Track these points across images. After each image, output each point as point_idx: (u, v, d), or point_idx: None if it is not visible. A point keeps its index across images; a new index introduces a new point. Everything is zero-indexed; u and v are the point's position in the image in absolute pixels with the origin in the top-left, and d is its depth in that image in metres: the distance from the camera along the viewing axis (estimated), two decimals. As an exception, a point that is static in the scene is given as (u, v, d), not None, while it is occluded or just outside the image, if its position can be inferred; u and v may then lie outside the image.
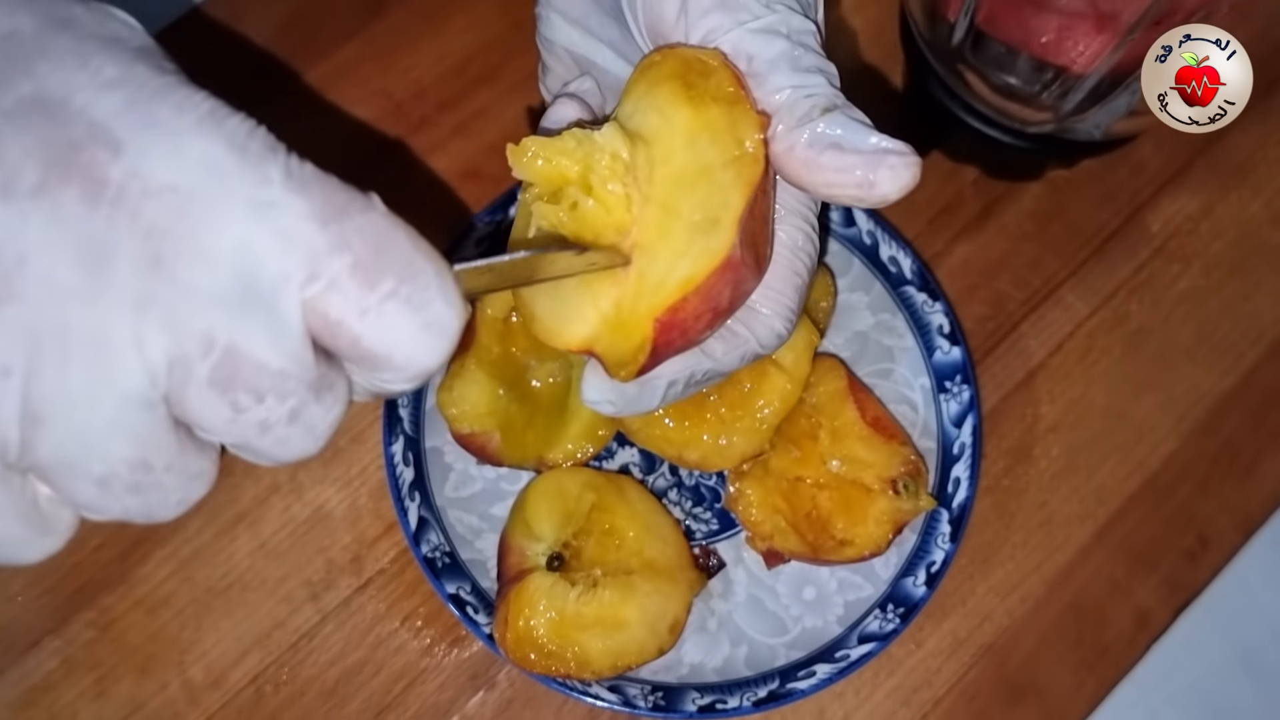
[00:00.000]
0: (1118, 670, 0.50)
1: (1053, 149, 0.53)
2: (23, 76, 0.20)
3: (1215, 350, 0.55)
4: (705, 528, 0.50)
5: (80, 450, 0.21)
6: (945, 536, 0.47)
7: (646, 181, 0.30)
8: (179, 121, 0.21)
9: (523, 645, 0.43)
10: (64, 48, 0.21)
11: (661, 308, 0.29)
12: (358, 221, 0.22)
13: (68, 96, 0.20)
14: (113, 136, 0.20)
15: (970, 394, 0.49)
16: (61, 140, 0.20)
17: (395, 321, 0.22)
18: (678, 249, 0.29)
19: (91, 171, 0.20)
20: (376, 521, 0.51)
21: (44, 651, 0.48)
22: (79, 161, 0.20)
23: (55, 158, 0.20)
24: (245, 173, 0.21)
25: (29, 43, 0.20)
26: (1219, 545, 0.52)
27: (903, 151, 0.28)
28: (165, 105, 0.21)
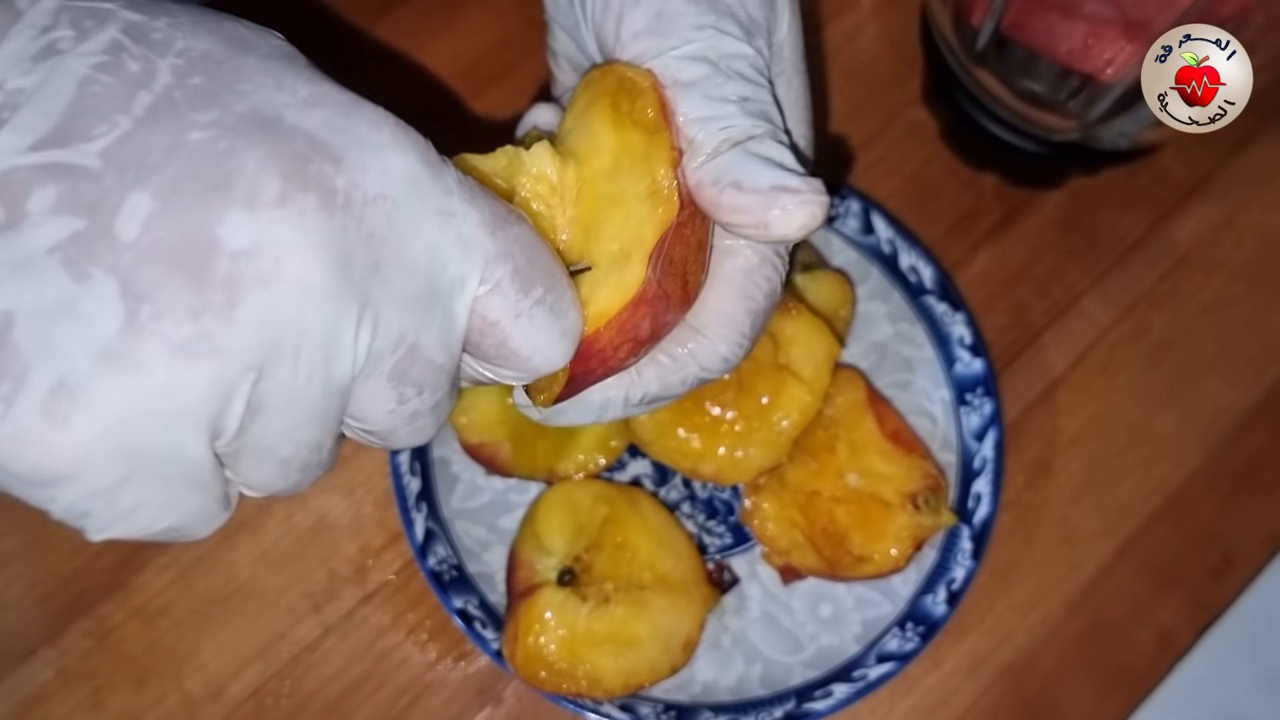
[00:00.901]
0: (1139, 692, 0.49)
1: (1076, 157, 0.52)
2: (233, 95, 0.22)
3: (1238, 364, 0.54)
4: (719, 542, 0.49)
5: (281, 436, 0.22)
6: (966, 553, 0.46)
7: (574, 203, 0.29)
8: (376, 136, 0.23)
9: (533, 663, 0.42)
10: (255, 68, 0.22)
11: (594, 322, 0.28)
12: (515, 232, 0.25)
13: (279, 114, 0.22)
14: (331, 150, 0.22)
15: (992, 407, 0.48)
16: (289, 152, 0.21)
17: (542, 325, 0.26)
18: (595, 278, 0.28)
19: (322, 181, 0.21)
20: (381, 531, 0.49)
21: (39, 662, 0.47)
22: (310, 172, 0.21)
23: (289, 169, 0.21)
24: (434, 184, 0.23)
25: (226, 64, 0.22)
26: (1243, 563, 0.51)
27: (798, 189, 0.27)
28: (361, 122, 0.23)
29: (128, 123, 0.21)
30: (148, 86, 0.21)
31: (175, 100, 0.21)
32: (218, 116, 0.21)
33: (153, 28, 0.22)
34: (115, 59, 0.21)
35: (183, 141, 0.21)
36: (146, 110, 0.21)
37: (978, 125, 0.52)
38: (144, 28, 0.22)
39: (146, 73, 0.21)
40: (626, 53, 0.30)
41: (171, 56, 0.21)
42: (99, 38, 0.21)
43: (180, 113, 0.21)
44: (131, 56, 0.21)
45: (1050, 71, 0.48)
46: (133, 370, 0.20)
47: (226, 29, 0.23)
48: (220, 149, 0.21)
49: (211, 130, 0.21)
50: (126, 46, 0.21)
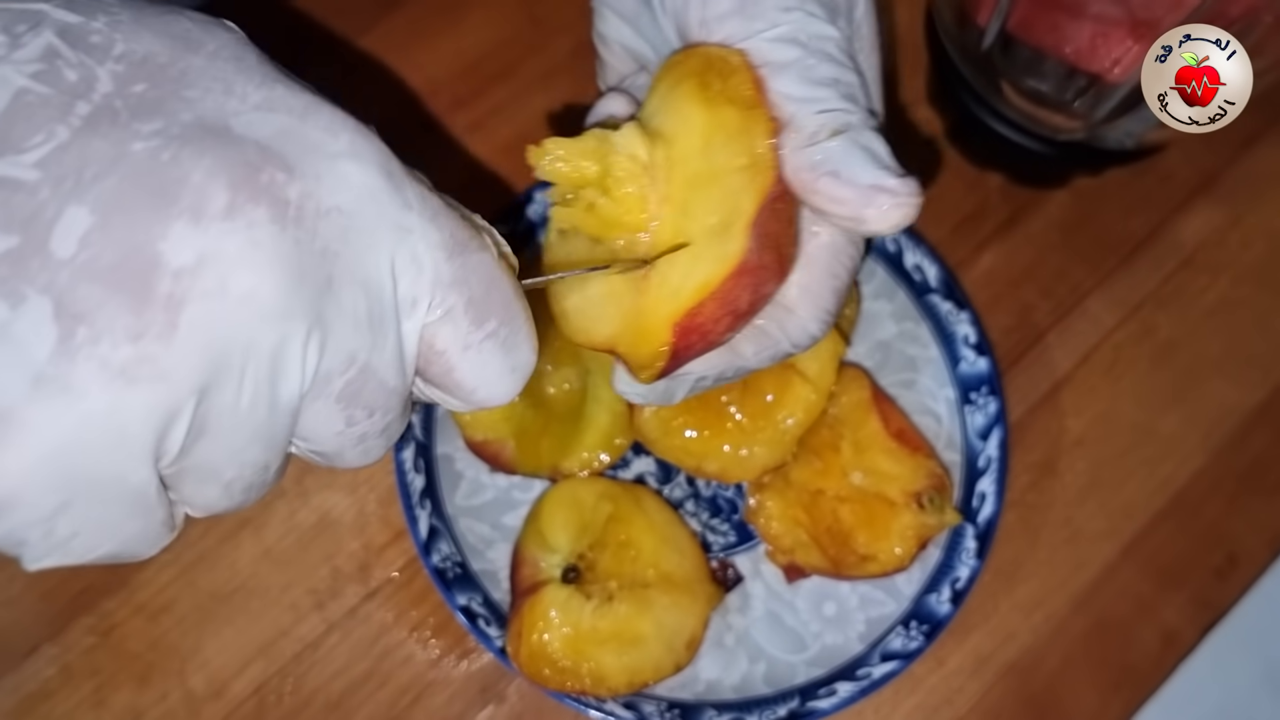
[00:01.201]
0: (1143, 691, 0.49)
1: (1082, 157, 0.52)
2: (179, 103, 0.20)
3: (1244, 364, 0.54)
4: (722, 540, 0.49)
5: (226, 457, 0.21)
6: (971, 552, 0.46)
7: (665, 182, 0.30)
8: (333, 144, 0.21)
9: (537, 660, 0.42)
10: (202, 71, 0.21)
11: (679, 313, 0.28)
12: (475, 259, 0.24)
13: (227, 122, 0.20)
14: (284, 159, 0.21)
15: (997, 406, 0.48)
16: (239, 161, 0.20)
17: (490, 360, 0.24)
18: (694, 253, 0.29)
19: (274, 192, 0.20)
20: (385, 529, 0.49)
21: (42, 658, 0.47)
22: (261, 182, 0.20)
23: (238, 178, 0.20)
24: (392, 197, 0.22)
25: (170, 68, 0.21)
26: (1248, 563, 0.50)
27: (897, 191, 0.27)
28: (317, 128, 0.21)
29: (65, 133, 0.19)
30: (86, 96, 0.19)
31: (116, 110, 0.20)
32: (162, 126, 0.20)
33: (90, 30, 0.20)
34: (50, 67, 0.19)
35: (125, 152, 0.19)
36: (85, 120, 0.19)
37: (983, 125, 0.52)
38: (80, 30, 0.20)
39: (85, 81, 0.20)
40: (713, 36, 0.30)
41: (111, 62, 0.20)
42: (33, 44, 0.20)
43: (122, 122, 0.19)
44: (68, 64, 0.20)
45: (1056, 71, 0.48)
46: (67, 395, 0.19)
47: (170, 25, 0.21)
48: (164, 159, 0.19)
49: (155, 140, 0.19)
50: (62, 53, 0.20)
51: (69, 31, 0.20)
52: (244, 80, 0.21)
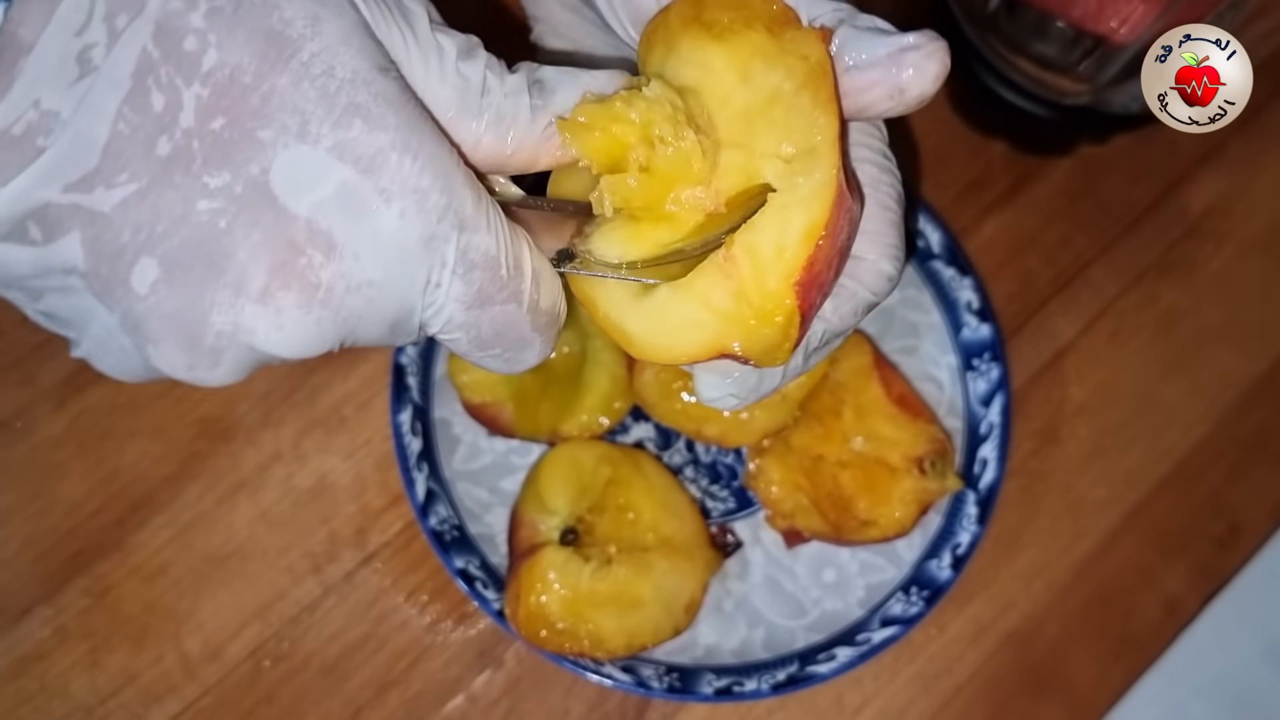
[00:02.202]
0: (1144, 660, 0.48)
1: (1087, 122, 0.51)
2: (251, 148, 0.22)
3: (1247, 333, 0.53)
4: (722, 506, 0.48)
5: None
6: (972, 518, 0.46)
7: (711, 129, 0.27)
8: (384, 215, 0.23)
9: (534, 622, 0.42)
10: (283, 99, 0.22)
11: (796, 270, 0.25)
12: (493, 313, 0.25)
13: (286, 189, 0.22)
14: (327, 239, 0.22)
15: (1000, 372, 0.48)
16: (283, 241, 0.22)
17: (486, 366, 0.27)
18: (781, 198, 0.25)
19: (307, 277, 0.22)
20: (382, 493, 0.49)
21: (36, 619, 0.47)
22: (297, 267, 0.22)
23: (277, 262, 0.22)
24: (427, 260, 0.23)
25: (252, 93, 0.22)
26: (1250, 532, 0.50)
27: (920, 44, 0.26)
28: (373, 189, 0.22)
29: (146, 177, 0.21)
30: (169, 131, 0.21)
31: (192, 153, 0.21)
32: (228, 182, 0.22)
33: (186, 29, 0.21)
34: (140, 87, 0.21)
35: (190, 211, 0.22)
36: (163, 164, 0.21)
37: (988, 90, 0.51)
38: (177, 30, 0.21)
39: (170, 110, 0.21)
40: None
41: (198, 84, 0.21)
42: (130, 50, 0.21)
43: (194, 171, 0.22)
44: (158, 84, 0.21)
45: (1062, 34, 0.47)
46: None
47: (270, 17, 0.21)
48: (220, 228, 0.22)
49: (219, 200, 0.22)
50: (154, 67, 0.21)
51: (164, 33, 0.21)
52: (323, 113, 0.22)
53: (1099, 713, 0.48)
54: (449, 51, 0.24)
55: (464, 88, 0.24)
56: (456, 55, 0.24)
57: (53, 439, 0.49)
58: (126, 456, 0.49)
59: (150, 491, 0.48)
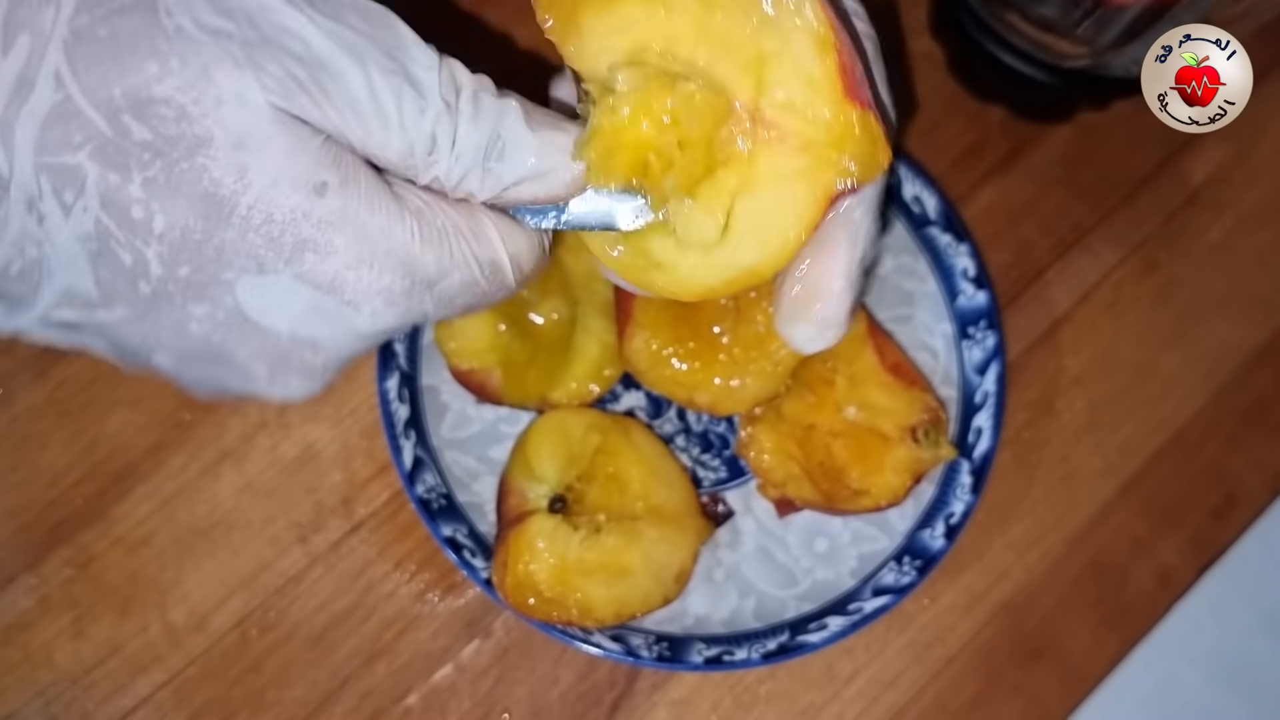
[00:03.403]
0: (1138, 630, 0.48)
1: (1086, 86, 0.50)
2: (220, 288, 0.24)
3: (1246, 303, 0.53)
4: (713, 475, 0.48)
5: None
6: (966, 488, 0.45)
7: (687, 64, 0.26)
8: (356, 319, 0.25)
9: (522, 590, 0.41)
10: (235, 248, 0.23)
11: (836, 83, 0.25)
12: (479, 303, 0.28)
13: (261, 312, 0.24)
14: (313, 341, 0.25)
15: (995, 340, 0.47)
16: (274, 352, 0.25)
17: None
18: (780, 45, 0.25)
19: (303, 367, 0.26)
20: (369, 462, 0.48)
21: (19, 589, 0.46)
22: (293, 362, 0.26)
23: (276, 361, 0.25)
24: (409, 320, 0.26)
25: (207, 245, 0.23)
26: (1246, 503, 0.50)
27: None
28: (340, 304, 0.24)
29: (139, 307, 0.23)
30: (145, 277, 0.23)
31: (171, 293, 0.23)
32: (209, 312, 0.24)
33: (129, 201, 0.22)
34: (105, 249, 0.22)
35: (185, 330, 0.24)
36: (149, 300, 0.23)
37: (987, 54, 0.50)
38: (121, 202, 0.22)
39: (139, 264, 0.23)
40: None
41: (155, 244, 0.23)
42: (84, 219, 0.22)
43: (177, 304, 0.23)
44: (119, 245, 0.22)
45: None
46: None
47: (199, 182, 0.22)
48: (215, 342, 0.24)
49: (206, 324, 0.24)
50: (112, 233, 0.22)
51: (111, 203, 0.22)
52: (274, 255, 0.23)
53: (1091, 683, 0.47)
54: (391, 113, 0.23)
55: (408, 151, 0.24)
56: (400, 117, 0.23)
57: (33, 408, 0.48)
58: (108, 426, 0.48)
59: (133, 461, 0.48)
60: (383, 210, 0.24)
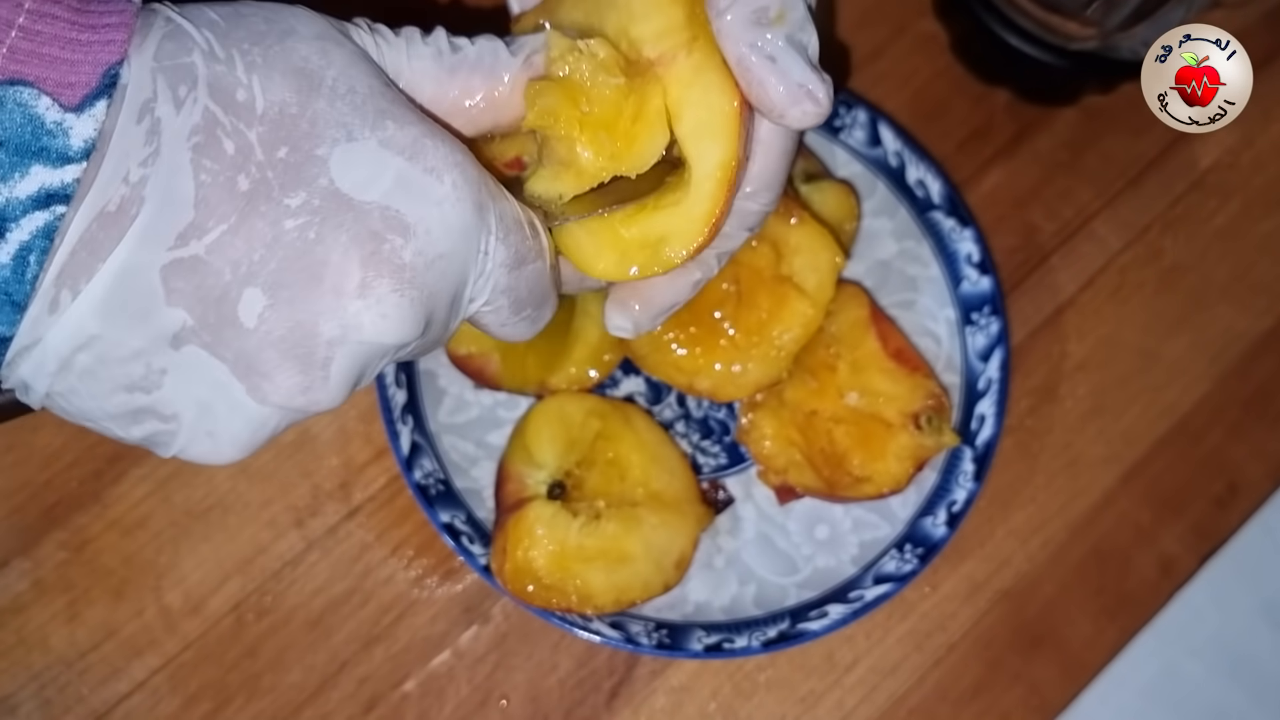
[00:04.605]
0: (1139, 619, 0.48)
1: (1093, 69, 0.50)
2: (315, 167, 0.25)
3: (1251, 290, 0.52)
4: (713, 462, 0.47)
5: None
6: (968, 475, 0.45)
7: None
8: (439, 189, 0.26)
9: (521, 576, 0.41)
10: (326, 118, 0.25)
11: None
12: (529, 270, 0.29)
13: (355, 188, 0.25)
14: (401, 221, 0.25)
15: (999, 326, 0.47)
16: (366, 234, 0.25)
17: (517, 329, 0.31)
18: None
19: (394, 260, 0.25)
20: (366, 446, 0.48)
21: (13, 572, 0.46)
22: (384, 254, 0.25)
23: (368, 253, 0.25)
24: (480, 228, 0.27)
25: (301, 119, 0.25)
26: (1249, 492, 0.49)
27: (819, 100, 0.29)
28: (424, 173, 0.26)
29: (234, 214, 0.24)
30: (244, 169, 0.24)
31: (269, 182, 0.24)
32: (305, 199, 0.24)
33: (235, 84, 0.24)
34: (211, 139, 0.24)
35: (281, 232, 0.24)
36: (247, 198, 0.24)
37: (993, 35, 0.50)
38: (228, 87, 0.24)
39: (242, 152, 0.24)
40: None
41: (258, 125, 0.24)
42: (194, 110, 0.24)
43: (274, 197, 0.24)
44: (225, 132, 0.24)
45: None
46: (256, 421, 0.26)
47: (291, 56, 0.25)
48: (310, 239, 0.24)
49: (303, 216, 0.24)
50: (219, 120, 0.24)
51: (218, 91, 0.24)
52: (359, 121, 0.25)
53: (1092, 671, 0.47)
54: (414, 34, 0.29)
55: (437, 53, 0.28)
56: (420, 35, 0.29)
57: (27, 389, 0.48)
58: (103, 407, 0.47)
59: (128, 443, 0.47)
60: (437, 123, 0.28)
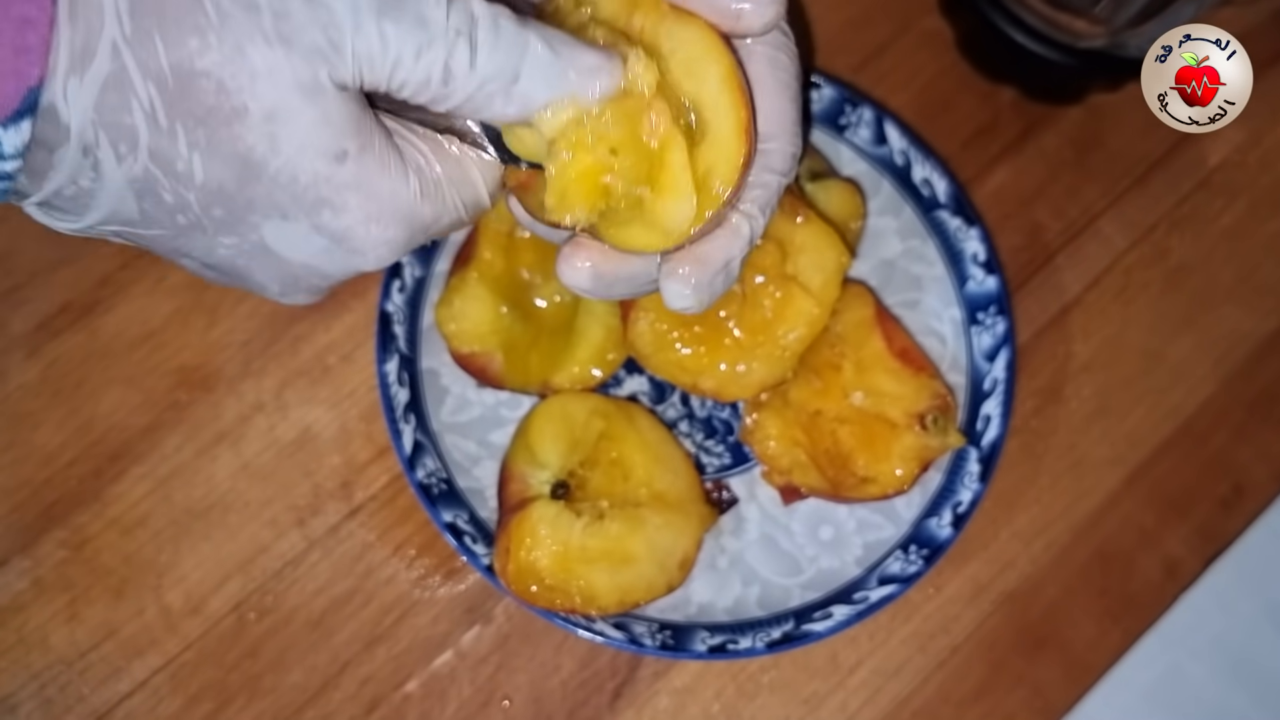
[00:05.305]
0: (1143, 621, 0.48)
1: (1100, 67, 0.49)
2: (247, 227, 0.27)
3: (1257, 291, 0.52)
4: (717, 462, 0.47)
5: None
6: (974, 476, 0.45)
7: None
8: (364, 261, 0.28)
9: (524, 577, 0.41)
10: (264, 199, 0.26)
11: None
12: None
13: (282, 248, 0.27)
14: (322, 273, 0.28)
15: (1005, 326, 0.46)
16: (288, 275, 0.28)
17: None
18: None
19: (312, 287, 0.30)
20: (368, 445, 0.48)
21: (13, 571, 0.46)
22: (303, 284, 0.29)
23: (287, 284, 0.29)
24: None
25: (238, 198, 0.26)
26: (1255, 494, 0.49)
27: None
28: (349, 253, 0.28)
29: (174, 231, 0.26)
30: (184, 212, 0.26)
31: (204, 226, 0.26)
32: (237, 243, 0.27)
33: (175, 157, 0.25)
34: (149, 189, 0.25)
35: (214, 250, 0.27)
36: (183, 228, 0.26)
37: (999, 32, 0.49)
38: (168, 158, 0.25)
39: (179, 203, 0.26)
40: None
41: (195, 192, 0.25)
42: (134, 166, 0.25)
43: (210, 234, 0.27)
44: (163, 189, 0.25)
45: (1079, -27, 0.45)
46: None
47: (237, 145, 0.25)
48: (240, 264, 0.28)
49: (232, 250, 0.27)
50: (159, 179, 0.25)
51: (159, 156, 0.25)
52: (296, 208, 0.26)
53: (1096, 673, 0.47)
54: (404, 57, 0.25)
55: (425, 83, 0.26)
56: (412, 57, 0.25)
57: (25, 387, 0.47)
58: (102, 406, 0.47)
59: (128, 442, 0.47)
60: (391, 172, 0.27)
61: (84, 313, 0.49)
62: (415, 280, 0.46)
